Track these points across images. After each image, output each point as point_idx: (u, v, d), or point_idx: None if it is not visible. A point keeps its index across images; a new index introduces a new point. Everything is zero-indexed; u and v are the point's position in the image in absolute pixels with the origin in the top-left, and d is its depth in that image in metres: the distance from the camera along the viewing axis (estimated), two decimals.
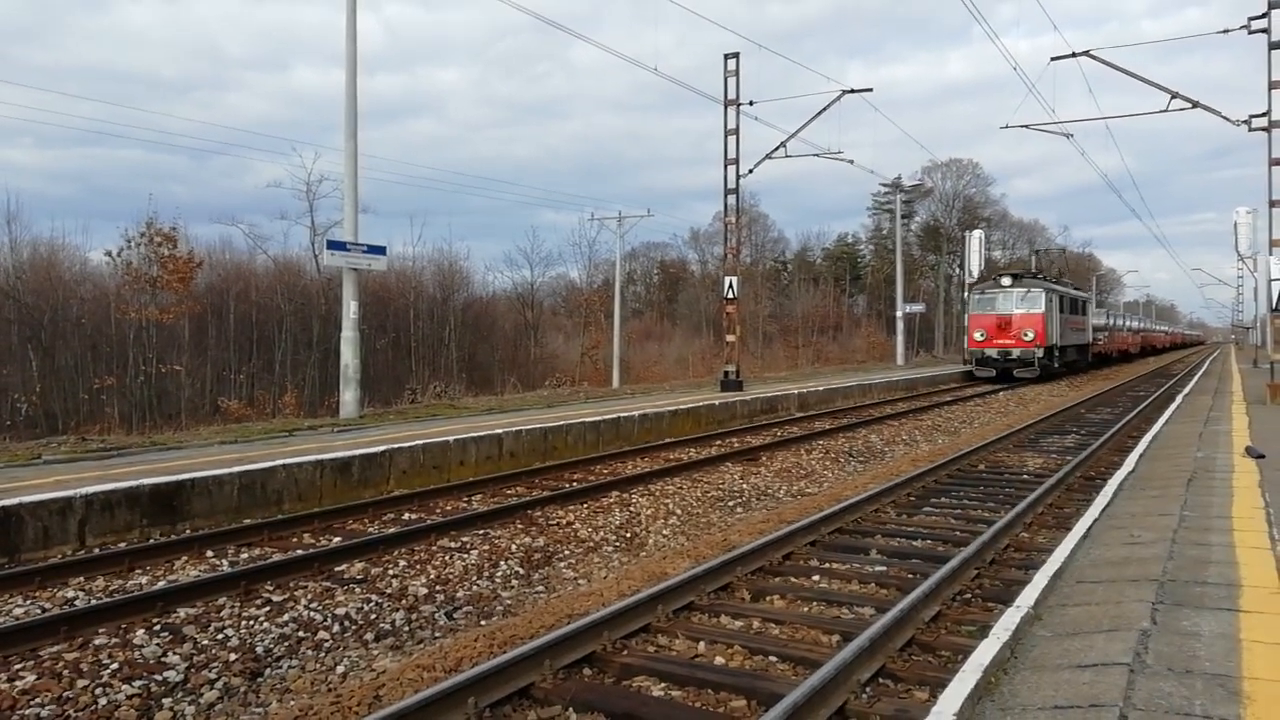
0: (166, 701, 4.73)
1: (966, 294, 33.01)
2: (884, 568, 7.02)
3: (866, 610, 5.92)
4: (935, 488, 10.55)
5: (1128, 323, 58.62)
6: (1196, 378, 29.29)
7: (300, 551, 7.34)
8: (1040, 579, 5.00)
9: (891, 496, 9.65)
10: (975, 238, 37.09)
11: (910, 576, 6.65)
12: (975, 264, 36.41)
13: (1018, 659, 3.82)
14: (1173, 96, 19.28)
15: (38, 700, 4.59)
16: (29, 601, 6.11)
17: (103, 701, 4.64)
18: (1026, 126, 22.97)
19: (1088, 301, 39.35)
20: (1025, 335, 29.32)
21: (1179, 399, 19.09)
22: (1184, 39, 68.72)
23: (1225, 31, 18.36)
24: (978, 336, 30.36)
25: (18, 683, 4.74)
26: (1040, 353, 29.25)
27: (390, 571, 6.94)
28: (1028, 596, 4.64)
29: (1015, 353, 29.45)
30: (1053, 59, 19.97)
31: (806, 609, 6.05)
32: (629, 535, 8.57)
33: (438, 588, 6.70)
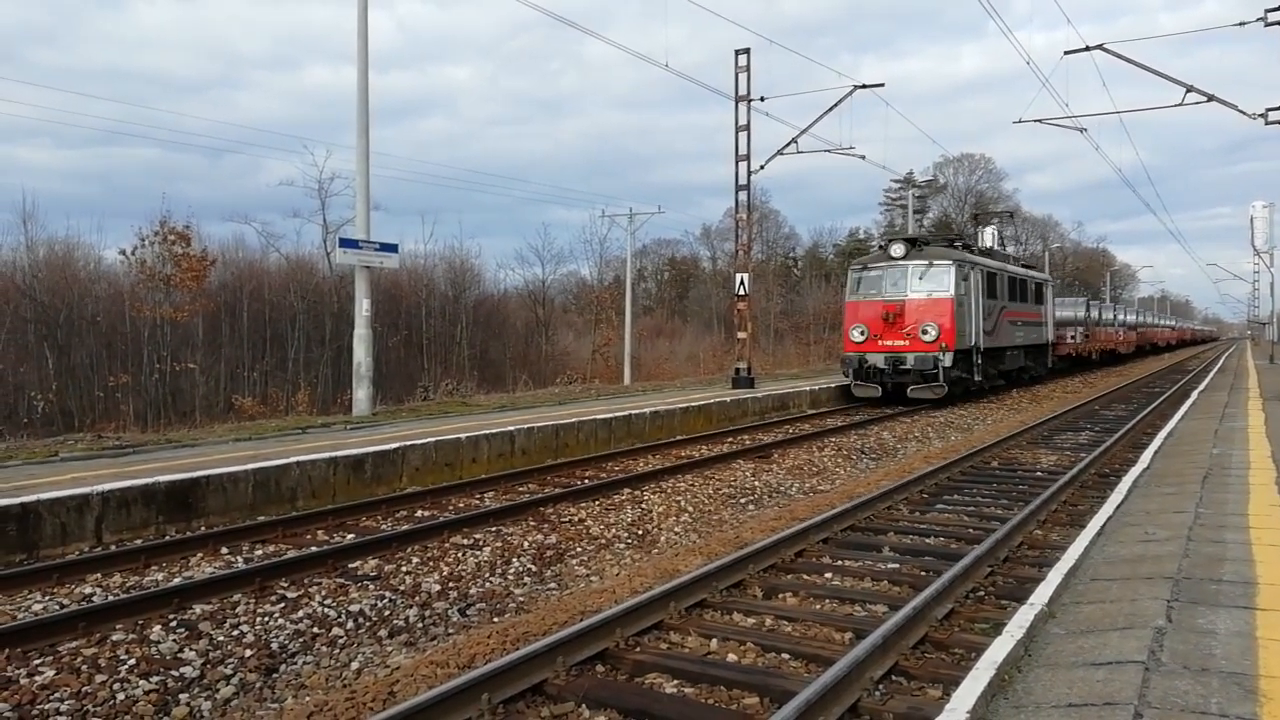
0: (183, 697, 4.77)
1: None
2: (897, 565, 7.01)
3: (879, 607, 5.91)
4: (948, 485, 10.52)
5: (1118, 316, 48.54)
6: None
7: (314, 548, 7.38)
8: (1054, 576, 4.98)
9: (904, 493, 9.62)
10: (988, 233, 36.85)
11: (923, 574, 6.64)
12: None
13: (1032, 656, 3.80)
14: (1188, 90, 19.12)
15: (57, 695, 4.63)
16: (47, 597, 6.17)
17: (120, 697, 4.69)
18: (1040, 121, 22.83)
19: (1045, 285, 29.04)
20: (925, 333, 19.30)
21: (1194, 396, 18.95)
22: (1200, 32, 68.07)
23: (1242, 24, 18.20)
24: (856, 336, 20.11)
25: (37, 678, 4.79)
26: (948, 359, 19.19)
27: (404, 568, 6.98)
28: (1042, 594, 4.62)
29: (909, 360, 19.35)
30: (1066, 53, 19.82)
31: (819, 606, 6.05)
32: (641, 532, 8.58)
33: (451, 584, 6.73)
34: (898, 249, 20.39)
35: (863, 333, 20.08)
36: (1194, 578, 4.74)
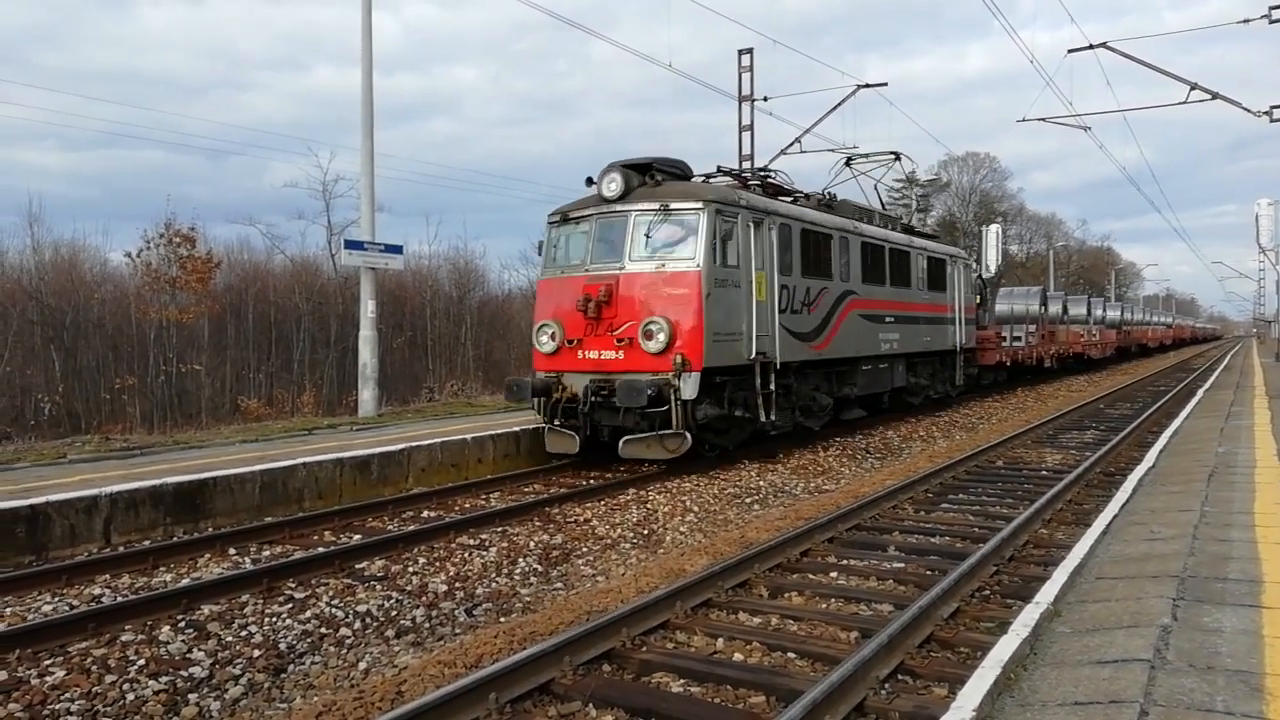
0: (192, 697, 4.79)
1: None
2: (902, 564, 7.01)
3: (885, 607, 5.92)
4: (953, 484, 10.52)
5: (1094, 311, 39.72)
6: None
7: (321, 549, 7.41)
8: (1060, 575, 4.99)
9: (909, 493, 9.63)
10: (992, 232, 36.65)
11: (929, 573, 6.65)
12: (993, 259, 36.05)
13: (1037, 655, 3.81)
14: (1192, 88, 19.07)
15: (67, 695, 4.66)
16: (57, 598, 6.21)
17: (130, 697, 4.72)
18: (1044, 120, 22.77)
19: (951, 264, 19.47)
20: (646, 336, 10.77)
21: (1199, 394, 18.91)
22: (1204, 30, 67.90)
23: (1246, 21, 18.16)
24: (544, 342, 11.59)
25: (47, 678, 4.82)
26: (689, 385, 10.57)
27: (410, 569, 7.00)
28: (1047, 593, 4.63)
29: (619, 381, 10.71)
30: (1070, 51, 19.81)
31: (825, 605, 6.06)
32: (646, 532, 8.60)
33: (457, 585, 6.75)
34: (613, 184, 11.41)
35: (553, 336, 11.38)
36: (1200, 576, 4.74)
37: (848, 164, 18.86)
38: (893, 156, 18.80)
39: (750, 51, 22.15)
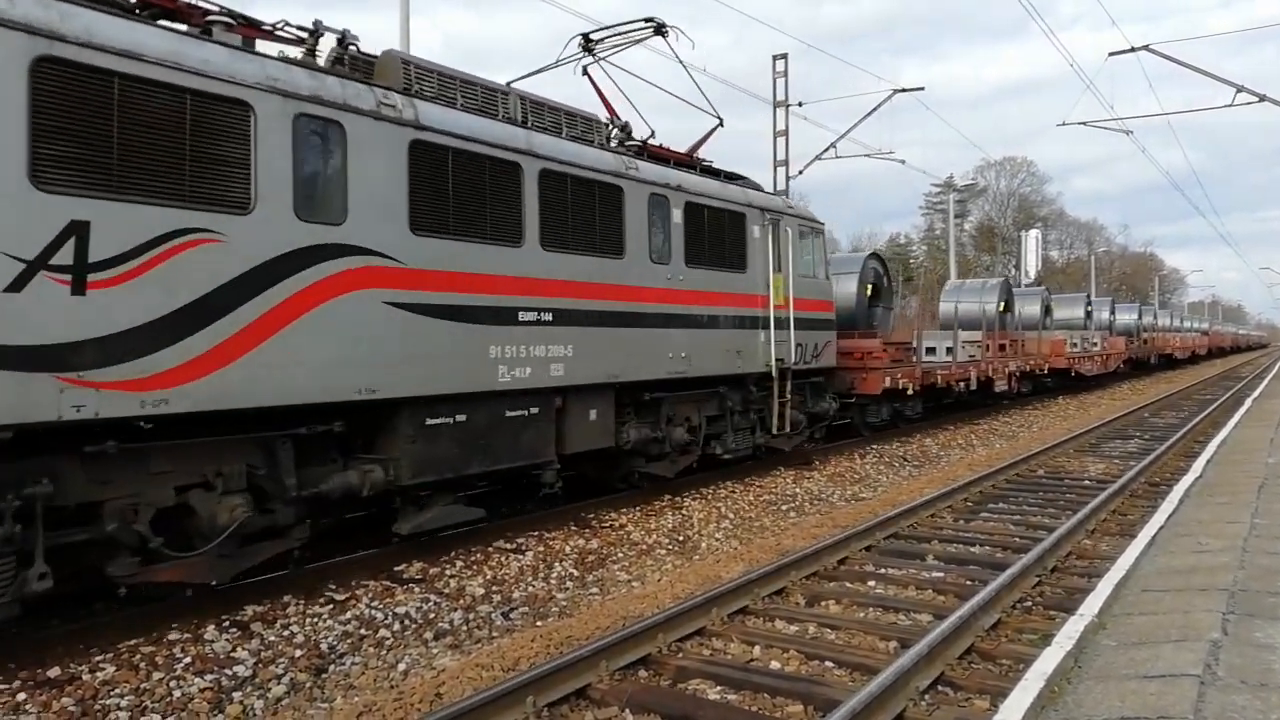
0: (236, 695, 4.88)
1: None
2: (941, 574, 6.93)
3: (924, 617, 5.86)
4: (993, 493, 10.38)
5: (1093, 314, 31.88)
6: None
7: (360, 551, 7.49)
8: (1104, 587, 4.91)
9: (948, 501, 9.52)
10: (1032, 237, 36.27)
11: (969, 583, 6.57)
12: (1032, 264, 35.57)
13: (1082, 668, 3.76)
14: (1238, 90, 18.69)
15: (117, 691, 4.78)
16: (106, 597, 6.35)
17: (177, 694, 4.82)
18: (1084, 124, 22.50)
19: (757, 218, 11.18)
20: None
21: (1248, 403, 18.47)
22: (1249, 31, 66.45)
23: None
24: None
25: (98, 674, 4.94)
26: None
27: (448, 571, 7.06)
28: (1091, 604, 4.57)
29: None
30: (1111, 54, 19.52)
31: (863, 614, 6.01)
32: (681, 538, 8.59)
33: (494, 588, 6.80)
34: None
35: None
36: (1250, 590, 4.64)
37: (586, 45, 10.73)
38: (650, 28, 10.71)
39: (785, 57, 22.06)
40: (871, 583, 6.72)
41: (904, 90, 23.04)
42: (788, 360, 11.48)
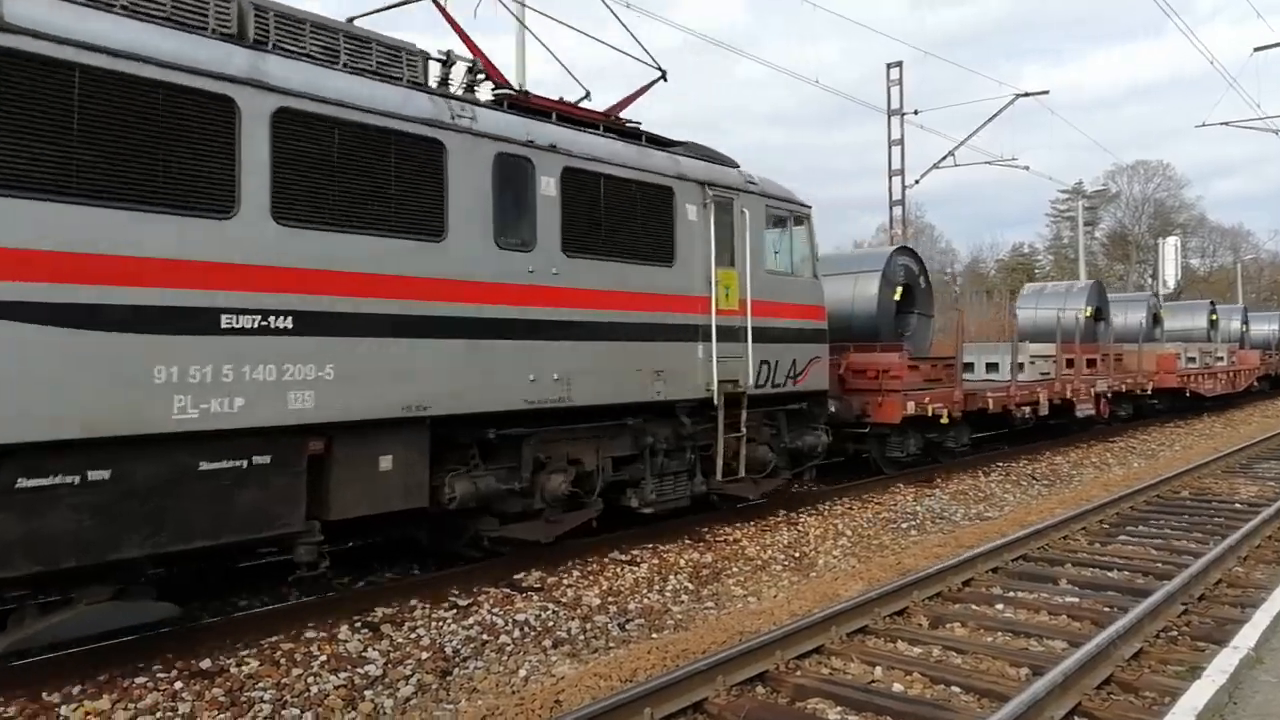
0: (368, 694, 5.10)
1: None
2: (1075, 599, 6.59)
3: (1058, 644, 5.58)
4: (1132, 515, 9.81)
5: (1217, 323, 27.17)
6: None
7: (481, 558, 7.71)
8: (1261, 618, 4.57)
9: (1082, 523, 9.05)
10: (1170, 244, 34.21)
11: (1106, 609, 6.22)
12: (1171, 273, 33.51)
13: (1238, 705, 3.50)
14: None
15: (261, 685, 5.07)
16: (251, 596, 6.77)
17: (314, 690, 5.07)
18: (1227, 124, 21.09)
19: (694, 194, 8.50)
20: None
21: None
22: None
23: None
24: None
25: (244, 667, 5.26)
26: None
27: (565, 581, 7.18)
28: (1247, 637, 4.25)
29: None
30: (1256, 49, 18.28)
31: (990, 639, 5.78)
32: (797, 555, 8.47)
33: (610, 599, 6.87)
34: None
35: None
36: None
37: None
38: None
39: (899, 65, 21.64)
40: (999, 606, 6.45)
41: (1027, 94, 22.24)
42: (744, 382, 8.93)
